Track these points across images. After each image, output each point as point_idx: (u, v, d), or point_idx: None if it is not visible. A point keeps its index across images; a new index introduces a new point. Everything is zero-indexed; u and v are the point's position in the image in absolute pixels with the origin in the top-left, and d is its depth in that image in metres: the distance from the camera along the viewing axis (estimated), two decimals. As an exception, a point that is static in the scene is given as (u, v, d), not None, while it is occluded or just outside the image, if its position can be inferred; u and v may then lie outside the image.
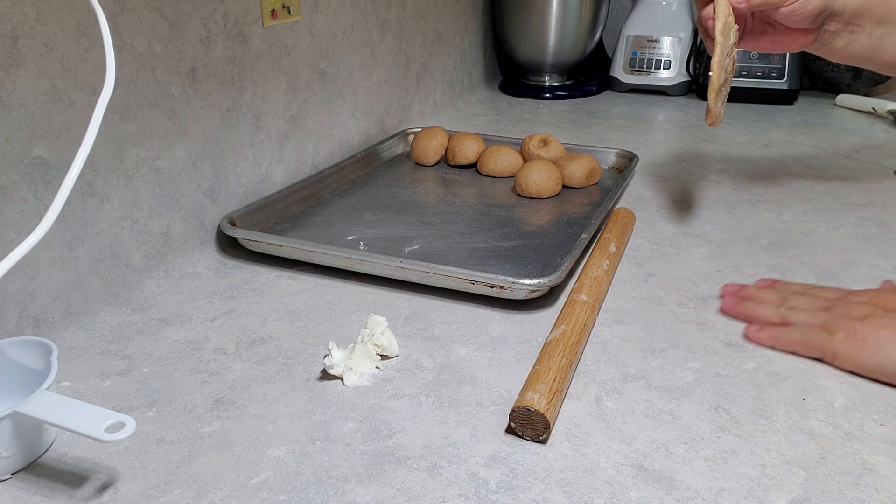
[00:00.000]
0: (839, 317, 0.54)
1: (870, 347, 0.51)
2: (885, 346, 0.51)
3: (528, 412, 0.46)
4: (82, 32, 0.56)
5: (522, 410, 0.46)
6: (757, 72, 1.29)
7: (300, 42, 0.84)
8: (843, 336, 0.53)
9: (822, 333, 0.54)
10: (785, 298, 0.60)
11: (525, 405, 0.46)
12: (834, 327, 0.54)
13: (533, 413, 0.45)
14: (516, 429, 0.47)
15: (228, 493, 0.42)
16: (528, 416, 0.46)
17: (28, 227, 0.54)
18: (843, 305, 0.56)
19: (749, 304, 0.60)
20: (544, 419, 0.45)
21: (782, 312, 0.58)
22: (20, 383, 0.47)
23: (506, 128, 1.16)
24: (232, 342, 0.57)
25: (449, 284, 0.63)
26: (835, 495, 0.42)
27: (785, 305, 0.58)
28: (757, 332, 0.57)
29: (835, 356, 0.53)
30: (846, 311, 0.55)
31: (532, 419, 0.46)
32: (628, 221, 0.76)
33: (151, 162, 0.65)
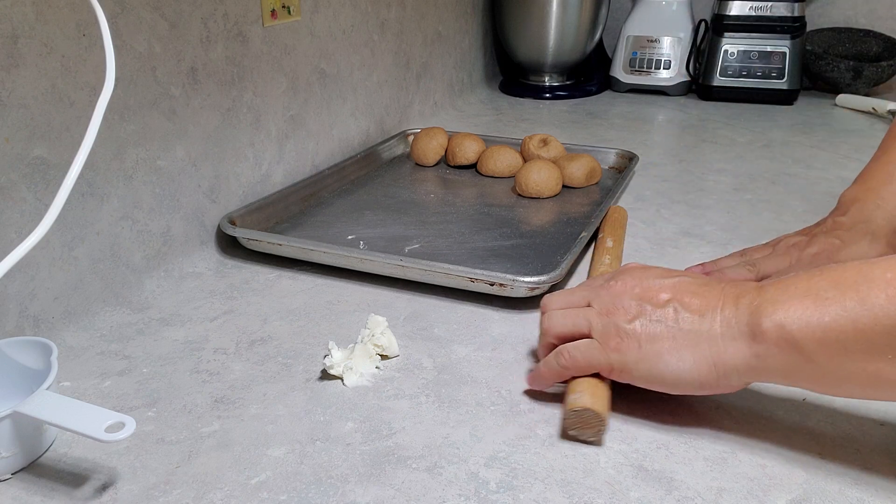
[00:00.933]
0: (606, 318, 0.47)
1: (645, 355, 0.45)
2: (661, 354, 0.45)
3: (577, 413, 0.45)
4: (82, 32, 0.56)
5: (572, 415, 0.45)
6: (757, 72, 1.29)
7: (300, 42, 0.84)
8: (614, 345, 0.46)
9: (591, 348, 0.47)
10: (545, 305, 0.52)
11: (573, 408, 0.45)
12: (602, 334, 0.47)
13: (581, 412, 0.45)
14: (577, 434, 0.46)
15: (228, 493, 0.42)
16: (580, 417, 0.45)
17: (28, 227, 0.54)
18: (607, 299, 0.48)
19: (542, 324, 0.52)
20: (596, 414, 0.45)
21: (545, 325, 0.50)
22: (20, 383, 0.47)
23: (506, 128, 1.16)
24: (232, 342, 0.57)
25: (449, 282, 0.63)
26: (835, 495, 0.42)
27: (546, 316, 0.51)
28: (533, 380, 0.50)
29: (610, 370, 0.47)
30: (612, 309, 0.47)
31: (585, 418, 0.45)
32: (619, 217, 0.76)
33: (151, 162, 0.65)
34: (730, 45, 1.30)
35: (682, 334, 0.44)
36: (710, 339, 0.44)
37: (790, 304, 0.41)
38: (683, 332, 0.44)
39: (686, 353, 0.44)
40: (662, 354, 0.45)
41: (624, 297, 0.47)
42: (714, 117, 1.22)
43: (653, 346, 0.45)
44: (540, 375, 0.50)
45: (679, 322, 0.45)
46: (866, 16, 1.39)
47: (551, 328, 0.49)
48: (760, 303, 0.42)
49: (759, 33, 1.29)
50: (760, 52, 1.28)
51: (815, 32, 1.38)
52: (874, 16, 1.39)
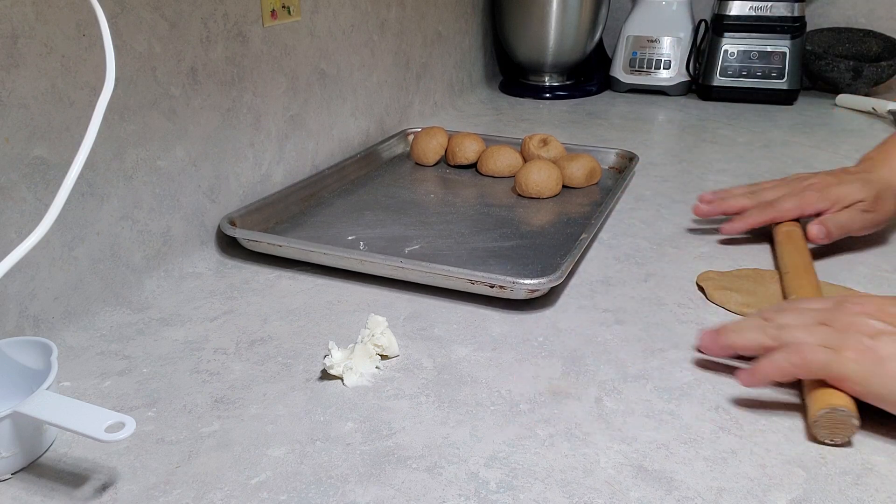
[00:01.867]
0: (845, 333, 0.46)
1: (885, 373, 0.44)
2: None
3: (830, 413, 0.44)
4: (82, 32, 0.56)
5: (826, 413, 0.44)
6: (757, 72, 1.29)
7: (300, 42, 0.84)
8: (853, 355, 0.45)
9: (825, 352, 0.46)
10: (768, 318, 0.51)
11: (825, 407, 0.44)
12: (841, 346, 0.46)
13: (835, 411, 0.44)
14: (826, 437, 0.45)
15: (228, 493, 0.42)
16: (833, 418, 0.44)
17: (28, 227, 0.54)
18: (843, 318, 0.48)
19: (730, 333, 0.52)
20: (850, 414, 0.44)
21: (772, 332, 0.49)
22: (20, 383, 0.47)
23: (506, 128, 1.16)
24: (232, 342, 0.57)
25: (449, 284, 0.63)
26: (835, 495, 0.42)
27: (773, 323, 0.50)
28: (751, 376, 0.49)
29: (843, 378, 0.45)
30: (850, 326, 0.47)
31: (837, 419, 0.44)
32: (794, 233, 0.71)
33: (151, 162, 0.65)
34: (730, 45, 1.30)
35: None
36: None
37: None
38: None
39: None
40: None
41: (863, 317, 0.47)
42: (714, 117, 1.22)
43: (894, 362, 0.44)
44: (760, 372, 0.48)
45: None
46: (866, 16, 1.39)
47: (782, 337, 0.48)
48: None
49: (759, 33, 1.29)
50: (760, 52, 1.28)
51: (815, 32, 1.38)
52: (874, 16, 1.39)
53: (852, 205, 0.68)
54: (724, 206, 0.72)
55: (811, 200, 0.69)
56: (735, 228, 0.70)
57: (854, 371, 0.45)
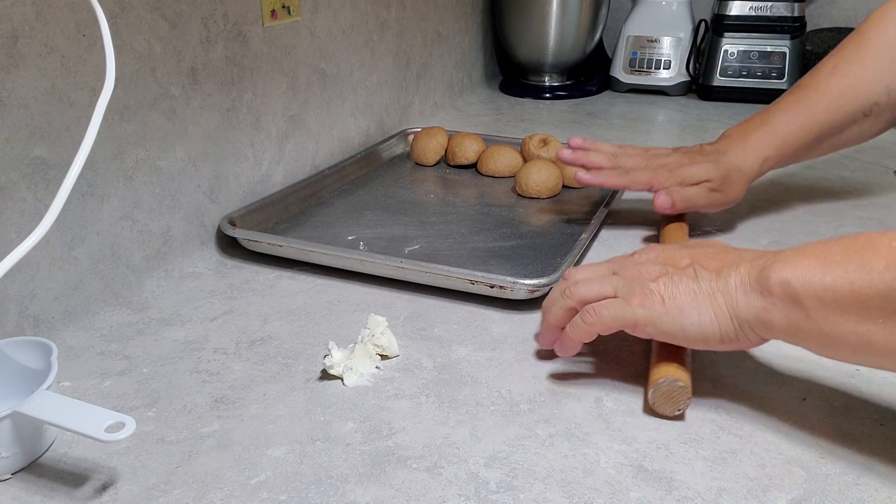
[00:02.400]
0: (631, 281, 0.50)
1: (669, 309, 0.47)
2: (683, 308, 0.47)
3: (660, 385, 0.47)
4: (82, 32, 0.56)
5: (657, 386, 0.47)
6: (757, 72, 1.29)
7: (300, 42, 0.84)
8: (639, 301, 0.48)
9: (616, 303, 0.49)
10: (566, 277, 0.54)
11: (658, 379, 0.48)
12: (627, 293, 0.49)
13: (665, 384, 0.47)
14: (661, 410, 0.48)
15: (228, 493, 0.42)
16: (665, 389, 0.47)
17: (28, 227, 0.54)
18: (630, 267, 0.51)
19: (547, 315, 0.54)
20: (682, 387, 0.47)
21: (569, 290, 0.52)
22: (20, 383, 0.47)
23: (506, 128, 1.16)
24: (232, 342, 0.57)
25: (449, 284, 0.63)
26: (835, 495, 0.42)
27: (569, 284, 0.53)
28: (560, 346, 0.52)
29: (635, 325, 0.48)
30: (637, 274, 0.50)
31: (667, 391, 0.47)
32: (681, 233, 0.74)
33: (151, 162, 0.65)
34: (730, 45, 1.30)
35: (701, 291, 0.47)
36: (725, 294, 0.46)
37: (798, 263, 0.43)
38: (702, 289, 0.47)
39: (705, 306, 0.47)
40: (684, 308, 0.47)
41: (647, 264, 0.51)
42: (714, 117, 1.22)
43: (675, 301, 0.47)
44: (567, 339, 0.51)
45: (699, 280, 0.48)
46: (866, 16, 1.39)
47: (576, 293, 0.51)
48: (773, 261, 0.45)
49: (759, 33, 1.29)
50: (760, 52, 1.28)
51: (815, 32, 1.38)
52: (874, 16, 1.38)
53: (700, 183, 0.71)
54: (584, 159, 0.75)
55: (661, 178, 0.72)
56: (586, 180, 0.73)
57: (643, 315, 0.48)
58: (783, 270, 0.43)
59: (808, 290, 0.42)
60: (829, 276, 0.42)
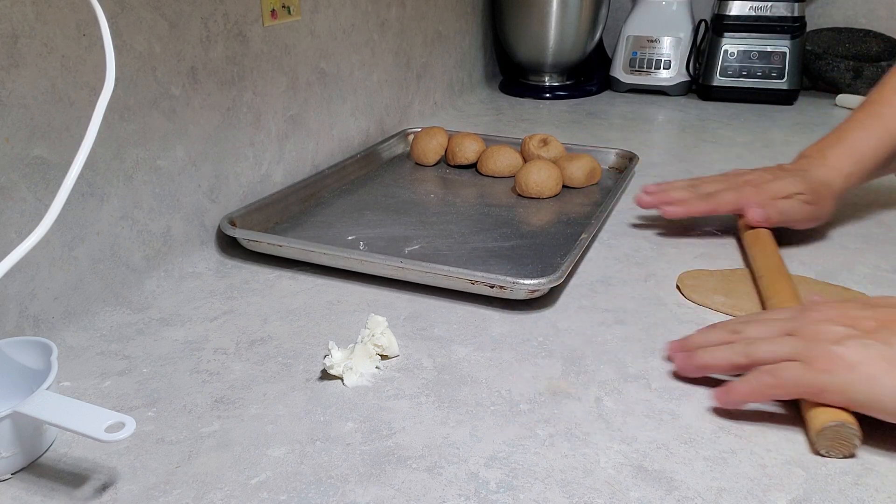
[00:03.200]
0: (811, 342, 0.46)
1: (860, 376, 0.43)
2: (876, 376, 0.43)
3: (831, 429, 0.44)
4: (82, 32, 0.56)
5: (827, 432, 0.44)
6: (757, 72, 1.29)
7: (300, 42, 0.84)
8: (823, 366, 0.44)
9: (797, 367, 0.45)
10: (734, 331, 0.51)
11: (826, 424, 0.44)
12: (808, 356, 0.45)
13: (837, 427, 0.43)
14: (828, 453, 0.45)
15: (228, 493, 0.42)
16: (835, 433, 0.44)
17: (28, 227, 0.54)
18: (808, 327, 0.47)
19: (702, 353, 0.51)
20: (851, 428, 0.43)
21: (741, 349, 0.49)
22: (20, 383, 0.47)
23: (506, 128, 1.16)
24: (232, 342, 0.57)
25: (449, 284, 0.63)
26: (835, 495, 0.42)
27: (741, 340, 0.49)
28: (726, 395, 0.48)
29: (821, 391, 0.44)
30: (816, 334, 0.46)
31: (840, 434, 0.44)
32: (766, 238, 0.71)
33: (151, 162, 0.65)
34: (730, 45, 1.30)
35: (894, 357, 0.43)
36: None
37: None
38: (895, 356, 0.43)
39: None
40: (878, 377, 0.43)
41: (828, 324, 0.46)
42: (714, 117, 1.22)
43: (867, 368, 0.43)
44: (737, 393, 0.47)
45: (892, 346, 0.43)
46: (866, 16, 1.39)
47: (752, 353, 0.48)
48: None
49: (759, 33, 1.29)
50: (760, 52, 1.28)
51: (815, 32, 1.38)
52: (874, 16, 1.39)
53: (792, 196, 0.70)
54: (664, 198, 0.74)
55: (748, 195, 0.71)
56: (674, 213, 0.72)
57: (829, 382, 0.44)
58: None
59: None
60: None
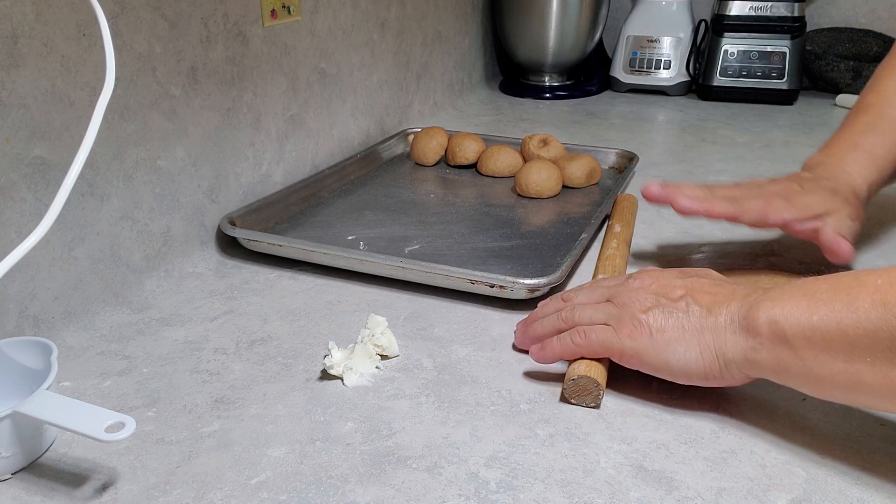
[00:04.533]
0: (623, 309, 0.50)
1: (656, 342, 0.47)
2: (669, 343, 0.47)
3: (574, 382, 0.49)
4: (82, 32, 0.56)
5: (570, 383, 0.49)
6: (757, 72, 1.29)
7: (300, 42, 0.84)
8: (627, 331, 0.48)
9: (605, 331, 0.49)
10: (565, 299, 0.55)
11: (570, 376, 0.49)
12: (617, 321, 0.49)
13: (582, 380, 0.49)
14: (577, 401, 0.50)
15: (228, 493, 0.42)
16: (578, 385, 0.49)
17: (28, 227, 0.54)
18: (625, 294, 0.51)
19: (535, 324, 0.54)
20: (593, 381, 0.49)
21: (564, 315, 0.52)
22: (20, 383, 0.47)
23: (506, 128, 1.16)
24: (232, 342, 0.57)
25: (449, 284, 0.63)
26: (835, 495, 0.42)
27: (567, 307, 0.53)
28: (540, 352, 0.52)
29: (621, 354, 0.49)
30: (628, 302, 0.50)
31: (584, 386, 0.49)
32: (628, 203, 0.78)
33: (151, 162, 0.65)
34: (730, 45, 1.30)
35: (690, 326, 0.47)
36: (714, 332, 0.46)
37: (786, 302, 0.43)
38: (692, 325, 0.47)
39: (692, 343, 0.47)
40: (671, 343, 0.47)
41: (640, 292, 0.50)
42: (714, 117, 1.22)
43: (663, 335, 0.47)
44: (550, 349, 0.52)
45: (689, 315, 0.47)
46: (866, 16, 1.39)
47: (571, 318, 0.52)
48: (761, 300, 0.45)
49: (759, 33, 1.29)
50: (760, 52, 1.28)
51: (815, 32, 1.38)
52: (874, 16, 1.39)
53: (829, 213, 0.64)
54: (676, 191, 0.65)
55: (778, 207, 0.64)
56: (690, 206, 0.64)
57: (630, 347, 0.48)
58: (771, 309, 0.43)
59: (795, 329, 0.42)
60: (817, 315, 0.41)
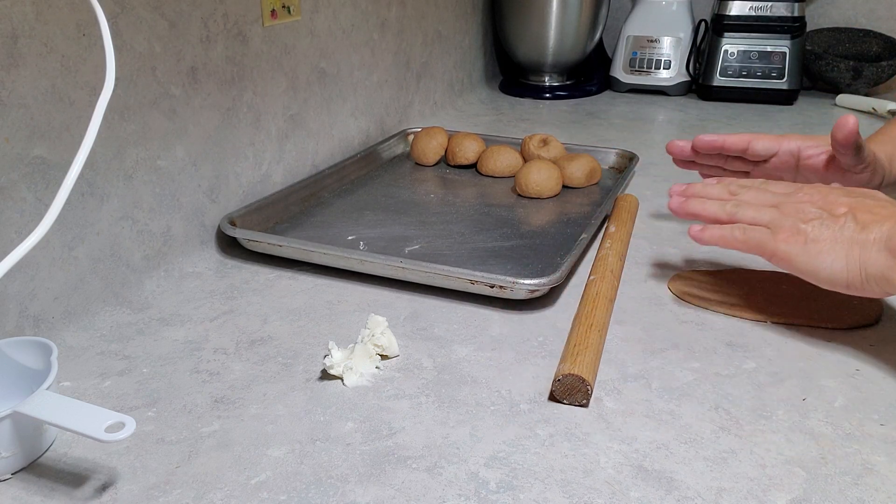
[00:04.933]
0: (786, 216, 0.54)
1: (808, 250, 0.52)
2: (821, 252, 0.51)
3: (560, 381, 0.49)
4: (82, 32, 0.56)
5: (557, 383, 0.49)
6: (757, 72, 1.29)
7: (300, 42, 0.84)
8: (784, 237, 0.53)
9: (764, 232, 0.54)
10: (733, 193, 0.59)
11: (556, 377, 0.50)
12: (778, 227, 0.54)
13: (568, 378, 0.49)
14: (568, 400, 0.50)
15: (228, 493, 0.42)
16: (565, 384, 0.49)
17: (28, 227, 0.54)
18: (791, 204, 0.55)
19: (696, 201, 0.60)
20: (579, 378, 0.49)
21: (729, 209, 0.57)
22: (20, 383, 0.47)
23: (506, 128, 1.16)
24: (232, 342, 0.57)
25: (449, 284, 0.63)
26: (835, 495, 0.42)
27: (733, 201, 0.58)
28: (700, 232, 0.58)
29: (773, 254, 0.54)
30: (794, 211, 0.54)
31: (570, 385, 0.49)
32: (626, 203, 0.79)
33: (151, 162, 0.65)
34: (730, 45, 1.30)
35: (843, 239, 0.51)
36: (862, 247, 0.50)
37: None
38: (844, 238, 0.51)
39: (840, 255, 0.51)
40: (822, 253, 0.52)
41: (806, 205, 0.54)
42: (714, 117, 1.22)
43: (816, 245, 0.52)
44: (710, 234, 0.57)
45: (844, 229, 0.52)
46: (866, 16, 1.39)
47: (736, 213, 0.57)
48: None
49: (759, 33, 1.29)
50: (760, 52, 1.28)
51: (815, 32, 1.38)
52: (874, 16, 1.39)
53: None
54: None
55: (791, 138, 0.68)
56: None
57: (783, 250, 0.53)
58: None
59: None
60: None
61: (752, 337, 0.58)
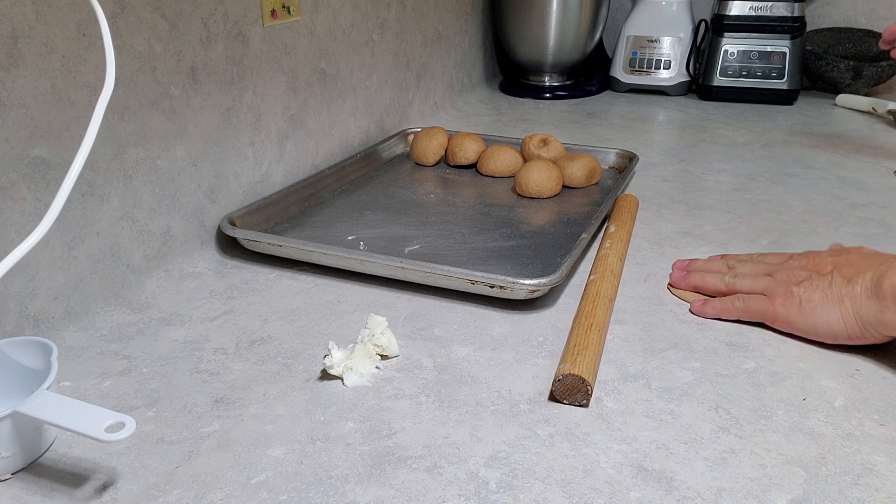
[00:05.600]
0: (779, 282, 0.58)
1: (804, 310, 0.56)
2: (816, 308, 0.55)
3: (560, 381, 0.49)
4: (82, 32, 0.56)
5: (557, 383, 0.50)
6: (757, 72, 1.29)
7: (300, 42, 0.84)
8: (780, 301, 0.57)
9: (762, 300, 0.58)
10: (731, 266, 0.64)
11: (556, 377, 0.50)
12: (773, 292, 0.58)
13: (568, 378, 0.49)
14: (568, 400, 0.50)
15: (228, 493, 0.42)
16: (565, 384, 0.50)
17: (28, 227, 0.54)
18: (783, 271, 0.59)
19: (696, 275, 0.64)
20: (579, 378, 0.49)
21: (728, 280, 0.62)
22: (20, 383, 0.47)
23: (506, 128, 1.16)
24: (232, 342, 0.57)
25: (449, 284, 0.63)
26: (835, 495, 0.42)
27: (731, 273, 0.63)
28: (702, 306, 0.61)
29: (774, 319, 0.57)
30: (786, 277, 0.59)
31: (571, 385, 0.49)
32: (626, 203, 0.79)
33: (151, 162, 0.65)
34: (730, 45, 1.30)
35: (832, 295, 0.55)
36: (852, 298, 0.54)
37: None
38: (834, 294, 0.55)
39: (834, 310, 0.54)
40: (816, 311, 0.55)
41: (796, 270, 0.59)
42: (714, 117, 1.22)
43: (810, 304, 0.56)
44: (711, 307, 0.60)
45: (833, 287, 0.55)
46: (866, 16, 1.39)
47: (735, 284, 0.61)
48: (888, 269, 0.52)
49: (759, 33, 1.29)
50: (760, 52, 1.28)
51: (815, 32, 1.38)
52: (874, 16, 1.39)
53: None
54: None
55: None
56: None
57: (783, 314, 0.57)
58: (894, 276, 0.51)
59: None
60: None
61: (752, 337, 0.58)
